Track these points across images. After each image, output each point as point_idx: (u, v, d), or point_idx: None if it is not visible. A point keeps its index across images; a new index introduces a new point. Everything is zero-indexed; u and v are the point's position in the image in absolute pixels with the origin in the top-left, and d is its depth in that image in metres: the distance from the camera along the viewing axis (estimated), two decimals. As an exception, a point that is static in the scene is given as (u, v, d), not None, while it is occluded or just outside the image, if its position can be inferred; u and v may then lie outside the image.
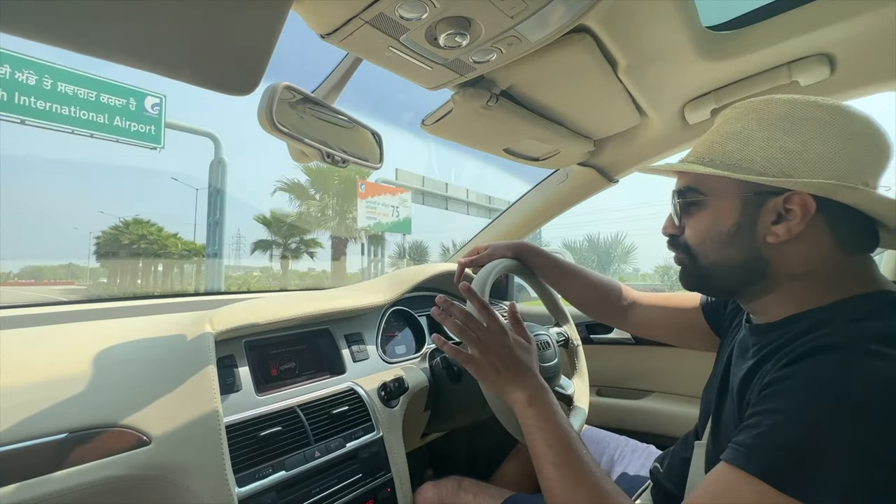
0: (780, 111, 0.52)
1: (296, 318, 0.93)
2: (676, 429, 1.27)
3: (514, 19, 0.59)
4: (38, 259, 40.57)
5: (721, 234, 0.55)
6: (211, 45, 0.49)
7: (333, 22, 0.58)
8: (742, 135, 0.54)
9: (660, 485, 0.72)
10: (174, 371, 0.70)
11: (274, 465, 0.74)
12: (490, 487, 0.91)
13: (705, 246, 0.57)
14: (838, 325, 0.46)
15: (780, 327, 0.53)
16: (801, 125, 0.50)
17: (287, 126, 0.68)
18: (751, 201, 0.53)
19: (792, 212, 0.50)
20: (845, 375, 0.41)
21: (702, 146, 0.58)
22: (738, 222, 0.54)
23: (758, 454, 0.42)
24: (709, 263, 0.57)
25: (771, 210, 0.51)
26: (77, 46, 0.43)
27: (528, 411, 0.62)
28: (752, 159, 0.52)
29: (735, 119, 0.56)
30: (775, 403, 0.43)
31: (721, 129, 0.57)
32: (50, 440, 0.56)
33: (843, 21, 0.72)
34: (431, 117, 0.90)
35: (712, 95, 0.93)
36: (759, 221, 0.52)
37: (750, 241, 0.53)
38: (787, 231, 0.50)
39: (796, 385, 0.43)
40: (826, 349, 0.43)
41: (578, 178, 1.34)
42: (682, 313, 0.84)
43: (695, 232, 0.58)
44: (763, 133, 0.52)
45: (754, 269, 0.54)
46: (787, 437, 0.41)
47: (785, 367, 0.46)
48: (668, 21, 0.71)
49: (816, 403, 0.40)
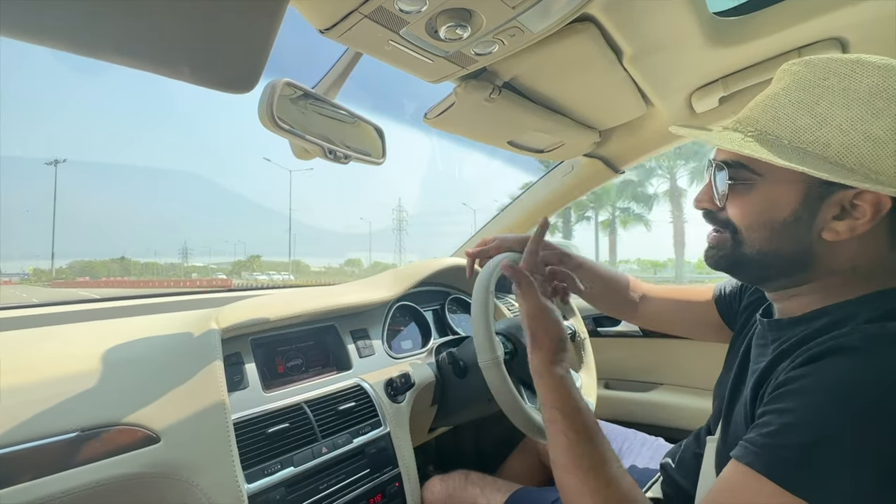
0: (870, 84, 0.43)
1: (301, 315, 0.93)
2: (686, 421, 1.26)
3: (515, 10, 0.57)
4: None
5: (774, 223, 0.49)
6: (209, 43, 0.49)
7: (332, 16, 0.57)
8: (817, 109, 0.44)
9: (671, 479, 0.72)
10: (182, 369, 0.70)
11: (282, 461, 0.74)
12: (497, 481, 0.91)
13: (752, 232, 0.51)
14: (857, 324, 0.44)
15: (801, 323, 0.50)
16: (893, 105, 0.41)
17: (288, 123, 0.68)
18: (815, 191, 0.46)
19: (859, 208, 0.44)
20: (860, 378, 0.39)
21: (764, 112, 0.49)
22: (796, 212, 0.47)
23: (767, 453, 0.41)
24: (754, 251, 0.51)
25: (835, 203, 0.45)
26: (75, 48, 0.43)
27: (551, 394, 0.59)
28: (827, 143, 0.44)
29: (809, 84, 0.46)
30: (788, 403, 0.42)
31: (790, 93, 0.47)
32: (61, 439, 0.56)
33: (855, 4, 0.70)
34: (434, 111, 0.89)
35: (720, 83, 0.91)
36: (819, 214, 0.46)
37: (805, 233, 0.47)
38: (851, 230, 0.44)
39: (810, 385, 0.41)
40: (842, 350, 0.41)
41: (584, 170, 1.32)
42: (694, 306, 0.83)
43: (742, 215, 0.51)
44: (846, 111, 0.43)
45: (799, 262, 0.49)
46: (798, 437, 0.40)
47: (800, 366, 0.44)
48: (674, 7, 0.70)
49: (829, 405, 0.39)
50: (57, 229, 35.83)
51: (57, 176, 49.20)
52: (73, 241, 40.38)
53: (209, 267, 61.64)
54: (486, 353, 0.72)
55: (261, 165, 37.25)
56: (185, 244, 77.59)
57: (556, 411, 0.57)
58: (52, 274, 51.01)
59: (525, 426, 0.74)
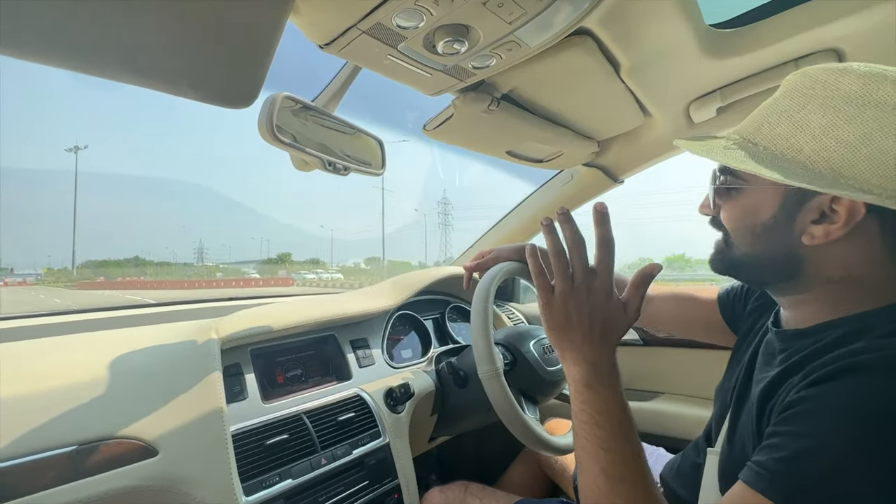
0: (848, 91, 0.43)
1: (301, 325, 0.93)
2: (686, 431, 1.25)
3: (512, 25, 0.58)
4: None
5: (755, 226, 0.50)
6: (209, 60, 0.49)
7: (331, 32, 0.58)
8: (796, 117, 0.46)
9: (670, 490, 0.71)
10: (181, 380, 0.70)
11: (281, 473, 0.74)
12: (497, 492, 0.90)
13: (738, 235, 0.53)
14: (873, 340, 0.42)
15: (810, 335, 0.49)
16: (867, 112, 0.42)
17: (288, 136, 0.68)
18: (794, 195, 0.47)
19: (836, 213, 0.44)
20: (878, 402, 0.37)
21: (753, 122, 0.51)
22: (776, 216, 0.48)
23: (781, 480, 0.39)
24: (741, 254, 0.53)
25: (814, 208, 0.46)
26: (75, 66, 0.43)
27: (583, 393, 0.51)
28: (800, 149, 0.45)
29: (796, 92, 0.47)
30: (801, 426, 0.40)
31: (778, 102, 0.49)
32: (60, 452, 0.56)
33: (851, 16, 0.71)
34: (433, 122, 0.90)
35: (718, 93, 0.91)
36: (798, 218, 0.47)
37: (785, 237, 0.48)
38: (826, 234, 0.45)
39: (825, 408, 0.40)
40: (858, 369, 0.40)
41: (583, 179, 1.33)
42: (697, 308, 0.82)
43: (729, 218, 0.53)
44: (821, 117, 0.44)
45: (786, 267, 0.50)
46: (814, 465, 0.38)
47: (813, 385, 0.42)
48: (671, 20, 0.70)
49: (846, 430, 0.37)
50: (65, 229, 35.41)
51: (77, 164, 47.24)
52: (79, 241, 40.58)
53: (232, 267, 60.36)
54: (486, 365, 0.73)
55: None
56: (201, 243, 76.25)
57: (604, 420, 0.50)
58: (75, 274, 49.79)
59: (525, 437, 0.74)
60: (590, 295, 0.52)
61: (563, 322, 0.52)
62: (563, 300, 0.52)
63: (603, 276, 0.52)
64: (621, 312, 0.53)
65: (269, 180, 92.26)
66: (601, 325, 0.51)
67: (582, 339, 0.51)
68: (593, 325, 0.51)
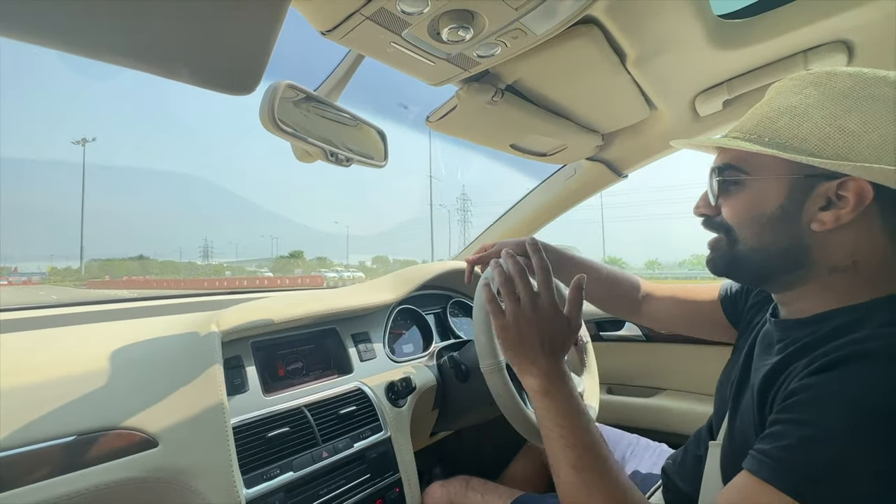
0: (843, 86, 0.46)
1: (302, 318, 0.93)
2: (689, 427, 1.25)
3: (518, 11, 0.57)
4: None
5: (762, 218, 0.51)
6: (209, 44, 0.48)
7: (334, 18, 0.57)
8: (797, 110, 0.48)
9: (672, 483, 0.71)
10: (181, 372, 0.70)
11: (282, 465, 0.73)
12: (499, 487, 0.90)
13: (743, 229, 0.53)
14: (874, 328, 0.43)
15: (809, 325, 0.49)
16: (865, 104, 0.45)
17: (290, 125, 0.67)
18: (799, 184, 0.48)
19: (844, 199, 0.45)
20: (881, 389, 0.38)
21: (749, 121, 0.53)
22: (783, 206, 0.49)
23: (785, 468, 0.39)
24: (747, 248, 0.53)
25: (821, 195, 0.47)
26: (71, 48, 0.42)
27: (542, 401, 0.57)
28: (805, 138, 0.47)
29: (790, 92, 0.50)
30: (804, 414, 0.40)
31: (773, 103, 0.51)
32: (58, 443, 0.56)
33: (861, 6, 0.69)
34: (436, 113, 0.89)
35: (725, 86, 0.90)
36: (806, 207, 0.48)
37: (793, 226, 0.49)
38: (836, 219, 0.46)
39: (827, 396, 0.40)
40: (861, 357, 0.40)
41: (587, 174, 1.32)
42: (699, 305, 0.82)
43: (733, 213, 0.53)
44: (821, 110, 0.46)
45: (794, 257, 0.50)
46: (817, 453, 0.38)
47: (817, 373, 0.42)
48: (678, 10, 0.69)
49: (849, 418, 0.38)
50: (68, 228, 35.23)
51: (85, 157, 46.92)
52: (85, 239, 40.74)
53: (240, 266, 60.05)
54: (488, 359, 0.72)
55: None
56: (207, 241, 75.88)
57: (565, 421, 0.56)
58: (83, 272, 49.45)
59: (527, 431, 0.73)
60: (535, 313, 0.59)
61: (517, 341, 0.59)
62: (515, 321, 0.60)
63: (545, 296, 0.60)
64: (566, 325, 0.61)
65: (280, 177, 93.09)
66: (549, 339, 0.59)
67: (535, 354, 0.58)
68: (543, 340, 0.58)
